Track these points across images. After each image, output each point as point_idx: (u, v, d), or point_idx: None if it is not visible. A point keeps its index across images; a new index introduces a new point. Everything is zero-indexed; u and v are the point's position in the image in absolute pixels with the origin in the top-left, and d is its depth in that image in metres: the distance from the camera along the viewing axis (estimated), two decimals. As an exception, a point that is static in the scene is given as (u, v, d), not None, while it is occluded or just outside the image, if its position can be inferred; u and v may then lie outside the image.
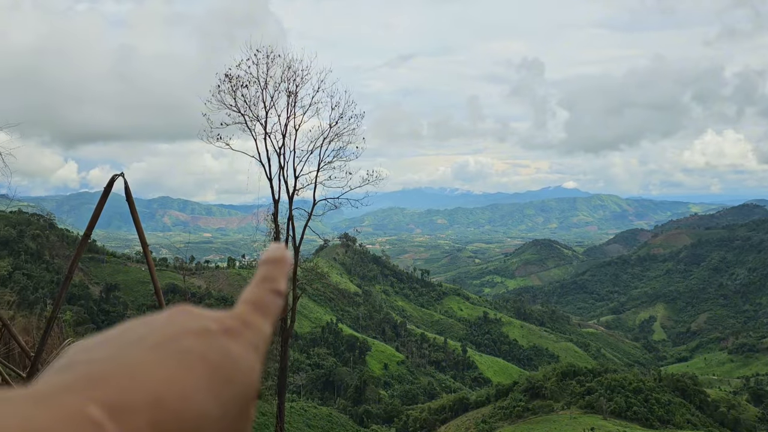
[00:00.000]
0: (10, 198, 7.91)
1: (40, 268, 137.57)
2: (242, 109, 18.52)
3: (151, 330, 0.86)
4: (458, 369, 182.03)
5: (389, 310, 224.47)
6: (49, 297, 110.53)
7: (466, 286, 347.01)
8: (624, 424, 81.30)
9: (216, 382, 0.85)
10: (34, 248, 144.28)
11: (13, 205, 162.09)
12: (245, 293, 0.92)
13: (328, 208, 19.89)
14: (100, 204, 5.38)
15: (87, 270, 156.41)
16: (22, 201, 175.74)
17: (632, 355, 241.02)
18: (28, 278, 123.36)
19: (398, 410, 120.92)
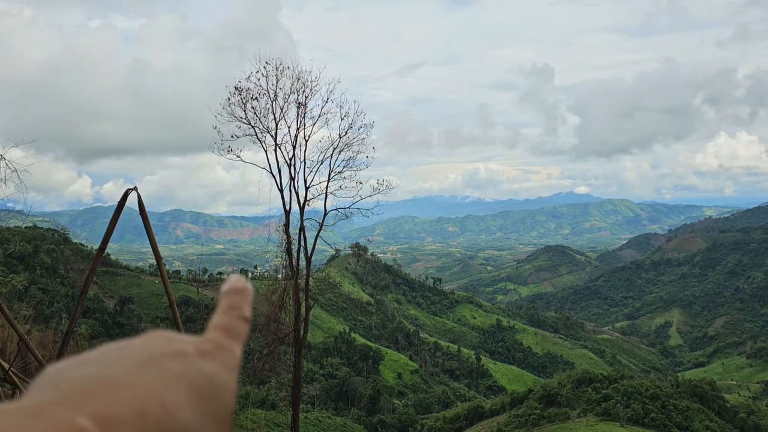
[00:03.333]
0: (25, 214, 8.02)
1: (56, 283, 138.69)
2: (252, 121, 18.67)
3: (130, 352, 0.94)
4: (472, 377, 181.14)
5: (402, 318, 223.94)
6: (64, 311, 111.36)
7: (479, 294, 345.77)
8: (642, 431, 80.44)
9: (195, 399, 0.93)
10: (49, 263, 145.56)
11: (29, 221, 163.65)
12: (214, 320, 1.03)
13: (339, 218, 19.94)
14: (114, 218, 5.45)
15: (101, 283, 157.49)
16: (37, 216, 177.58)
17: (648, 361, 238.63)
18: (44, 293, 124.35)
19: (412, 420, 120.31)
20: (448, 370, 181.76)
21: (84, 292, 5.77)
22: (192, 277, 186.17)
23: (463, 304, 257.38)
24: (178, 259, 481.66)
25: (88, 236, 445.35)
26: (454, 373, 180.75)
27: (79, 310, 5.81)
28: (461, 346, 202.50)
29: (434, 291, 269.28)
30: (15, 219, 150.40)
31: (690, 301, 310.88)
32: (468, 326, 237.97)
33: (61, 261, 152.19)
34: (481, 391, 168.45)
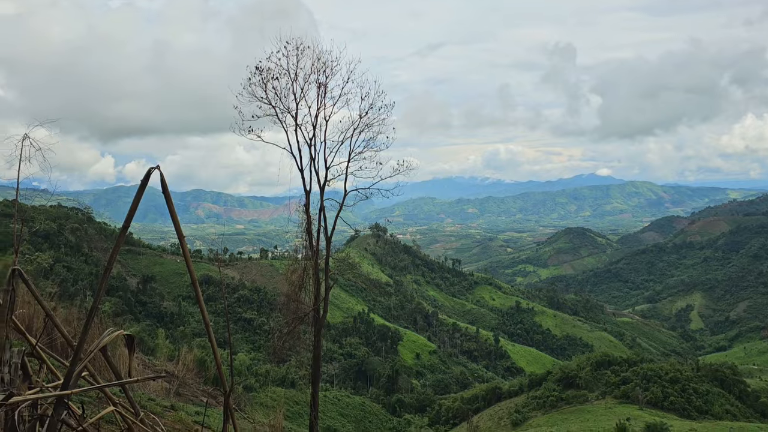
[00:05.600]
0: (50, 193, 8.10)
1: (80, 261, 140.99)
2: (273, 101, 18.63)
3: None
4: (490, 359, 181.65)
5: (420, 299, 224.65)
6: (88, 289, 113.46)
7: (498, 276, 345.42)
8: (661, 414, 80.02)
9: None
10: (74, 241, 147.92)
11: (53, 200, 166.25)
12: None
13: (359, 199, 19.91)
14: (138, 197, 5.50)
15: (125, 262, 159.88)
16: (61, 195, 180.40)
17: (669, 344, 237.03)
18: (69, 270, 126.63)
19: (431, 399, 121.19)
20: (467, 351, 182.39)
21: (108, 271, 5.85)
22: (213, 257, 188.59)
23: (482, 286, 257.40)
24: (200, 238, 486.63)
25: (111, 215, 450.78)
26: (472, 354, 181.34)
27: (103, 288, 5.90)
28: (480, 327, 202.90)
29: (453, 272, 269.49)
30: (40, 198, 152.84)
31: (712, 285, 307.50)
32: (487, 308, 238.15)
33: (85, 240, 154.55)
34: (499, 373, 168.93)
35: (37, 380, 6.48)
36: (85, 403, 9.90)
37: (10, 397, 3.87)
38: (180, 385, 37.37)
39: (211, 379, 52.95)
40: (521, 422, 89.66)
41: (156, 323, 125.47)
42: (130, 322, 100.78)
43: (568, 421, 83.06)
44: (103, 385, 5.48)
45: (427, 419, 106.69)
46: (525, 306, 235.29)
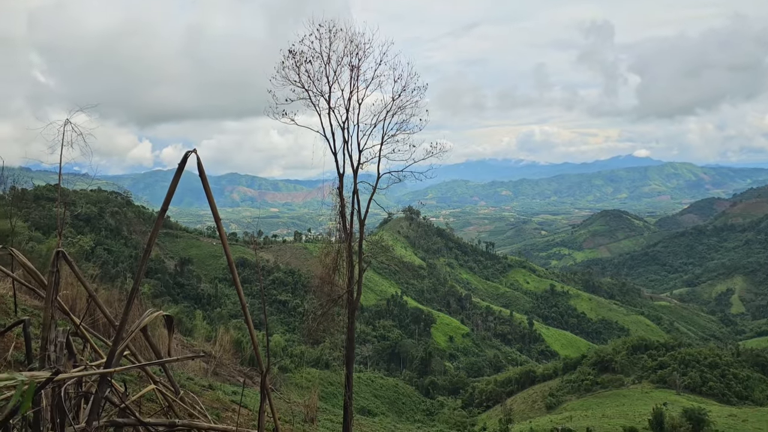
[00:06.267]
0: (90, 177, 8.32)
1: (119, 244, 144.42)
2: (306, 84, 18.66)
3: None
4: (524, 342, 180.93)
5: (454, 282, 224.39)
6: (128, 271, 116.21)
7: (532, 259, 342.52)
8: (699, 400, 78.78)
9: None
10: (114, 225, 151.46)
11: (94, 184, 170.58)
12: None
13: (392, 182, 19.84)
14: (175, 180, 5.59)
15: (162, 245, 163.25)
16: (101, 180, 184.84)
17: (708, 328, 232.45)
18: (109, 253, 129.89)
19: (464, 382, 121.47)
20: (500, 334, 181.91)
21: (147, 253, 5.98)
22: (248, 240, 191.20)
23: (516, 269, 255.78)
24: (235, 221, 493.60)
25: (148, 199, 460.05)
26: (506, 338, 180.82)
27: (142, 270, 6.04)
28: (514, 310, 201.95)
29: (487, 255, 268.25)
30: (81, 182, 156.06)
31: (754, 269, 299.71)
32: (521, 291, 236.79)
33: (125, 223, 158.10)
34: (533, 356, 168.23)
35: (81, 359, 6.69)
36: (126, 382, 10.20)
37: (57, 374, 4.01)
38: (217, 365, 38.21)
39: (247, 360, 53.96)
40: (555, 406, 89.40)
41: (193, 305, 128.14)
42: (169, 304, 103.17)
43: (603, 405, 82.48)
44: (144, 364, 5.64)
45: (461, 401, 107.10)
46: (560, 289, 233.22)
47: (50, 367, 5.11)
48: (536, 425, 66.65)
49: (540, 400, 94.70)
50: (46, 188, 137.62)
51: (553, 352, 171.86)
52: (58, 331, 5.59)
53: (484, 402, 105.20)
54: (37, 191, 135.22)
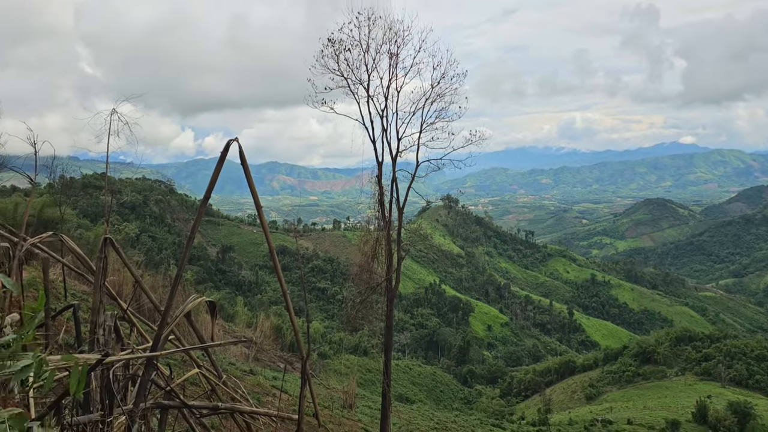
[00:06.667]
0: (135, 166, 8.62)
1: (163, 231, 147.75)
2: (345, 72, 18.68)
3: None
4: (564, 332, 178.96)
5: (492, 271, 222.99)
6: (171, 257, 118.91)
7: (573, 248, 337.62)
8: (745, 393, 76.77)
9: None
10: (158, 212, 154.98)
11: (138, 173, 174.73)
12: None
13: (430, 170, 19.76)
14: (218, 168, 5.68)
15: (205, 232, 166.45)
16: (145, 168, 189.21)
17: (755, 320, 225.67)
18: (153, 240, 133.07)
19: (502, 371, 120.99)
20: (539, 323, 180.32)
21: (190, 240, 6.10)
22: (288, 227, 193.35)
23: (556, 258, 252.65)
24: (275, 209, 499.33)
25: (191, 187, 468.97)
26: (545, 327, 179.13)
27: (186, 257, 6.16)
28: (553, 300, 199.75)
29: (526, 244, 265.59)
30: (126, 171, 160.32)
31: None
32: (561, 280, 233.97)
33: (168, 210, 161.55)
34: (572, 346, 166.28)
35: (128, 342, 6.88)
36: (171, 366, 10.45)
37: (107, 357, 4.14)
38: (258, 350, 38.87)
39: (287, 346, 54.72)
40: (595, 396, 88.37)
41: (235, 291, 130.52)
42: (211, 290, 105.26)
43: (644, 397, 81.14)
44: (188, 348, 5.77)
45: (499, 390, 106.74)
46: (601, 279, 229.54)
47: (99, 350, 5.28)
48: (576, 416, 66.02)
49: (579, 391, 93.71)
50: (93, 177, 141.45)
51: (593, 342, 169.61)
52: (107, 315, 5.75)
53: (522, 392, 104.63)
54: (84, 180, 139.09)
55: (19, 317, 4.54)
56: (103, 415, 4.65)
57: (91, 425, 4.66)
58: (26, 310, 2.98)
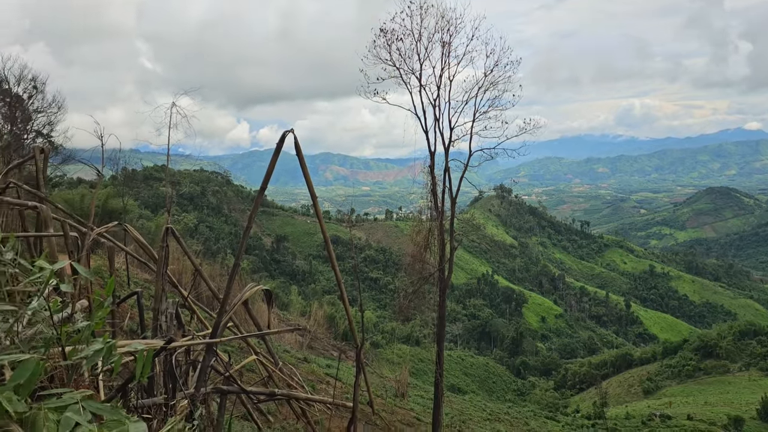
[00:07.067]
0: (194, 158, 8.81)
1: (220, 221, 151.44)
2: (397, 62, 18.67)
3: None
4: (621, 324, 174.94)
5: (546, 262, 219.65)
6: (228, 247, 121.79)
7: (630, 238, 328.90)
8: (815, 391, 73.45)
9: None
10: (215, 203, 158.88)
11: (196, 164, 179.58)
12: None
13: (483, 159, 19.57)
14: (274, 158, 5.78)
15: (260, 222, 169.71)
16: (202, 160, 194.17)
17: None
18: (210, 230, 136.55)
19: (556, 363, 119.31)
20: (595, 315, 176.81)
21: (248, 230, 6.23)
22: (341, 217, 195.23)
23: (613, 249, 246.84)
24: (328, 200, 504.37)
25: (246, 178, 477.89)
26: (601, 319, 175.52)
27: (243, 246, 6.30)
28: (609, 291, 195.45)
29: (581, 234, 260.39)
30: (185, 162, 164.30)
31: None
32: (617, 271, 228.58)
33: (225, 201, 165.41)
34: (629, 339, 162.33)
35: (189, 329, 7.10)
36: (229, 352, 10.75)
37: (171, 343, 4.29)
38: (312, 339, 39.47)
39: (341, 335, 55.37)
40: (654, 391, 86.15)
41: (289, 280, 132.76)
42: (266, 279, 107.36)
43: (705, 392, 78.59)
44: (246, 335, 5.91)
45: (553, 383, 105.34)
46: (660, 270, 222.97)
47: (162, 336, 5.47)
48: (633, 410, 64.53)
49: (637, 385, 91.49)
50: (154, 169, 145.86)
51: (651, 335, 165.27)
52: (168, 302, 5.95)
53: (577, 384, 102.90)
54: (145, 172, 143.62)
55: (88, 303, 4.74)
56: (166, 399, 4.82)
57: (155, 408, 4.84)
58: (96, 295, 3.12)
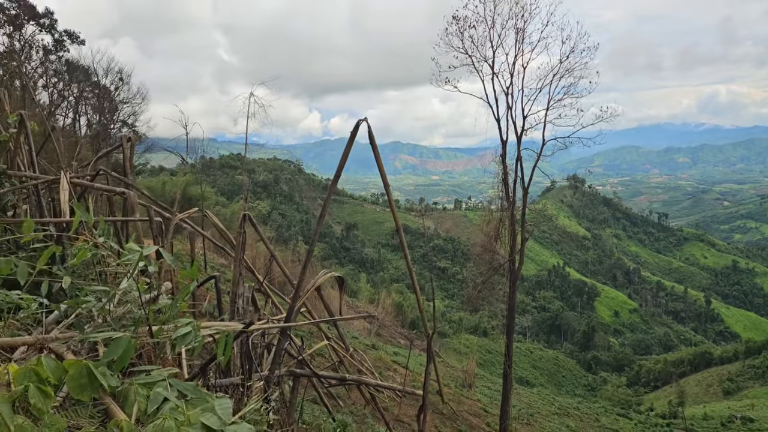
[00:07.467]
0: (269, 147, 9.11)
1: (292, 209, 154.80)
2: (469, 50, 18.50)
3: None
4: (700, 321, 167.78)
5: (621, 255, 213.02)
6: (299, 234, 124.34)
7: (712, 232, 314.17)
8: None
9: None
10: (287, 191, 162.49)
11: (269, 153, 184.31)
12: None
13: (557, 148, 19.14)
14: (348, 147, 5.85)
15: (330, 210, 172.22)
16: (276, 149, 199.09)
17: None
18: (283, 217, 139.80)
19: (629, 359, 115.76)
20: (672, 311, 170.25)
21: (322, 217, 6.35)
22: (410, 206, 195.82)
23: (693, 242, 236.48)
24: (397, 189, 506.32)
25: (318, 167, 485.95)
26: (678, 315, 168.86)
27: (318, 233, 6.43)
28: (688, 287, 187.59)
29: (659, 227, 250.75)
30: (259, 151, 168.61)
31: None
32: (697, 266, 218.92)
33: (296, 189, 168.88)
34: (709, 336, 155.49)
35: (264, 313, 7.32)
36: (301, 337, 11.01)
37: (250, 326, 4.44)
38: (380, 326, 39.83)
39: (408, 323, 55.59)
40: (734, 392, 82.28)
41: (358, 268, 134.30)
42: (335, 266, 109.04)
43: (793, 395, 74.41)
44: (319, 321, 6.04)
45: (625, 379, 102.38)
46: (744, 266, 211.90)
47: (239, 319, 5.66)
48: (711, 410, 61.88)
49: (716, 385, 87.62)
50: (230, 157, 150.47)
51: (733, 333, 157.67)
52: (245, 286, 6.14)
53: (651, 382, 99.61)
54: (222, 160, 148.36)
55: (171, 286, 4.96)
56: (243, 380, 5.00)
57: (232, 388, 5.02)
58: (181, 277, 3.28)
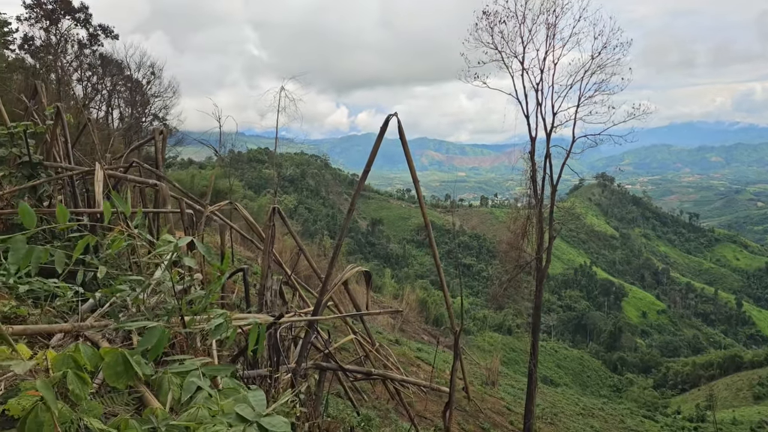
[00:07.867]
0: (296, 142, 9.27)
1: (318, 203, 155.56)
2: (499, 45, 18.37)
3: None
4: (730, 324, 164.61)
5: (650, 255, 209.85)
6: (325, 228, 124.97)
7: (745, 233, 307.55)
8: None
9: None
10: (313, 185, 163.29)
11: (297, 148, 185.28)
12: None
13: (587, 146, 18.92)
14: (377, 142, 5.86)
15: (356, 205, 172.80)
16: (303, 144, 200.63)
17: None
18: (309, 212, 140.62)
19: (657, 361, 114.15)
20: (702, 313, 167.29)
21: (350, 211, 6.37)
22: (435, 203, 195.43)
23: (725, 244, 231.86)
24: (423, 184, 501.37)
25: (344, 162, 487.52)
26: (708, 318, 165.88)
27: (346, 227, 6.46)
28: (719, 288, 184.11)
29: (690, 227, 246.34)
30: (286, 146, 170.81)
31: None
32: (729, 268, 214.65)
33: (323, 184, 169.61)
34: (740, 340, 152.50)
35: (291, 306, 7.38)
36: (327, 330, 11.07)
37: (280, 318, 4.49)
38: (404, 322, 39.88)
39: (432, 320, 55.56)
40: (765, 397, 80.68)
41: (383, 263, 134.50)
42: (361, 261, 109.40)
43: (826, 402, 72.74)
44: (346, 315, 6.07)
45: (652, 381, 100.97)
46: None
47: (267, 311, 5.72)
48: (741, 415, 60.80)
49: (746, 389, 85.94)
50: (257, 151, 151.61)
51: (764, 337, 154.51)
52: (273, 279, 6.20)
53: (679, 384, 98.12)
54: (250, 154, 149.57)
55: (202, 277, 5.03)
56: (270, 371, 5.05)
57: (260, 379, 5.08)
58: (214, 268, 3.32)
